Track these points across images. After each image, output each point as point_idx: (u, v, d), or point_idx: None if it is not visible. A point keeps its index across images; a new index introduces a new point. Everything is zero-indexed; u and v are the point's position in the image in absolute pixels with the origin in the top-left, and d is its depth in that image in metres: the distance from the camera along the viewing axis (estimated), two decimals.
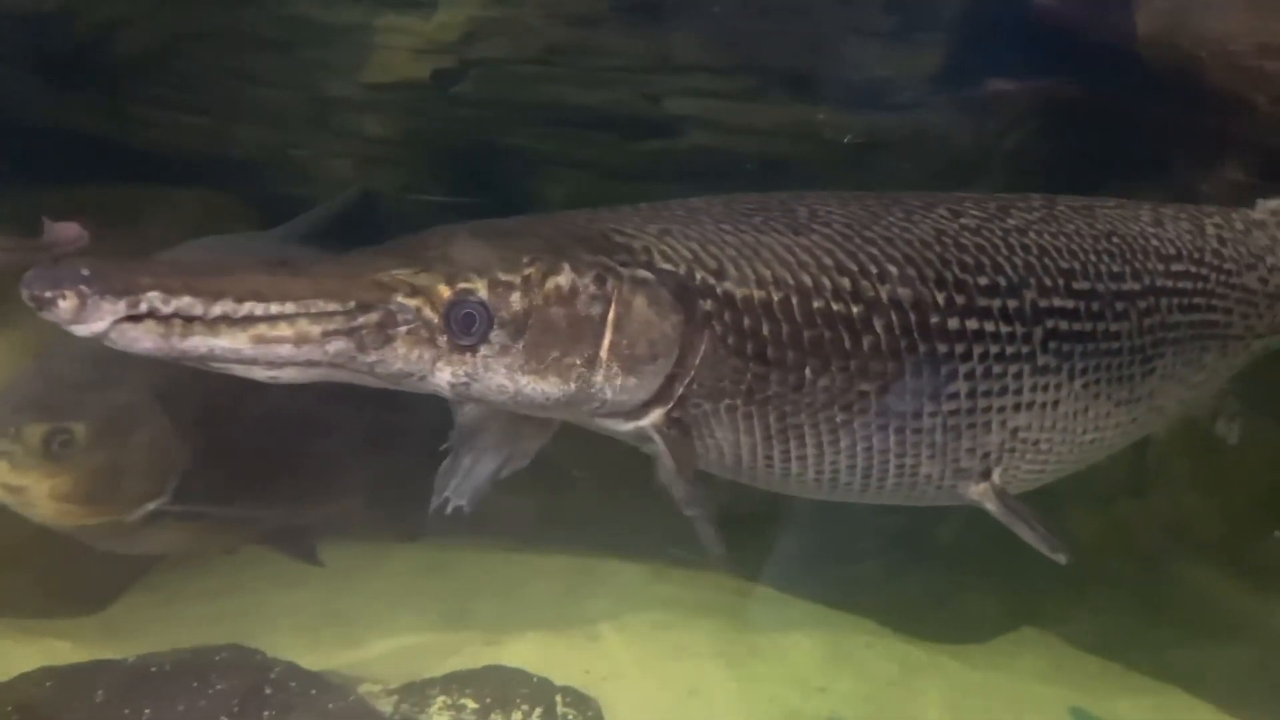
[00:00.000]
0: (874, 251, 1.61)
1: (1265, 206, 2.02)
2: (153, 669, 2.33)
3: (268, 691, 2.28)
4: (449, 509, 1.85)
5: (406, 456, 2.24)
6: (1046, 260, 1.70)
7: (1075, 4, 2.43)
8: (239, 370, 1.36)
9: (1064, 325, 1.68)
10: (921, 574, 2.88)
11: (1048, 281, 1.68)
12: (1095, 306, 1.71)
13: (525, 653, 2.60)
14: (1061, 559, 1.72)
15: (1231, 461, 2.51)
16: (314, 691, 2.31)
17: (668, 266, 1.51)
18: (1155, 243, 1.84)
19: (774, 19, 2.61)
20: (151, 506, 2.21)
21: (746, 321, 1.53)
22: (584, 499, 3.02)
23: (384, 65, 2.89)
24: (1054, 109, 2.60)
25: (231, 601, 2.80)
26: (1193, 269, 1.85)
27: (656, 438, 1.54)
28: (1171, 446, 2.58)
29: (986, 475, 1.70)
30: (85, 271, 1.24)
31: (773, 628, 2.83)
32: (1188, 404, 1.97)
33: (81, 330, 1.26)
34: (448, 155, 2.98)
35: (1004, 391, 1.65)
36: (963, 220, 1.71)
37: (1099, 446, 1.83)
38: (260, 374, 1.37)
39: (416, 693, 2.39)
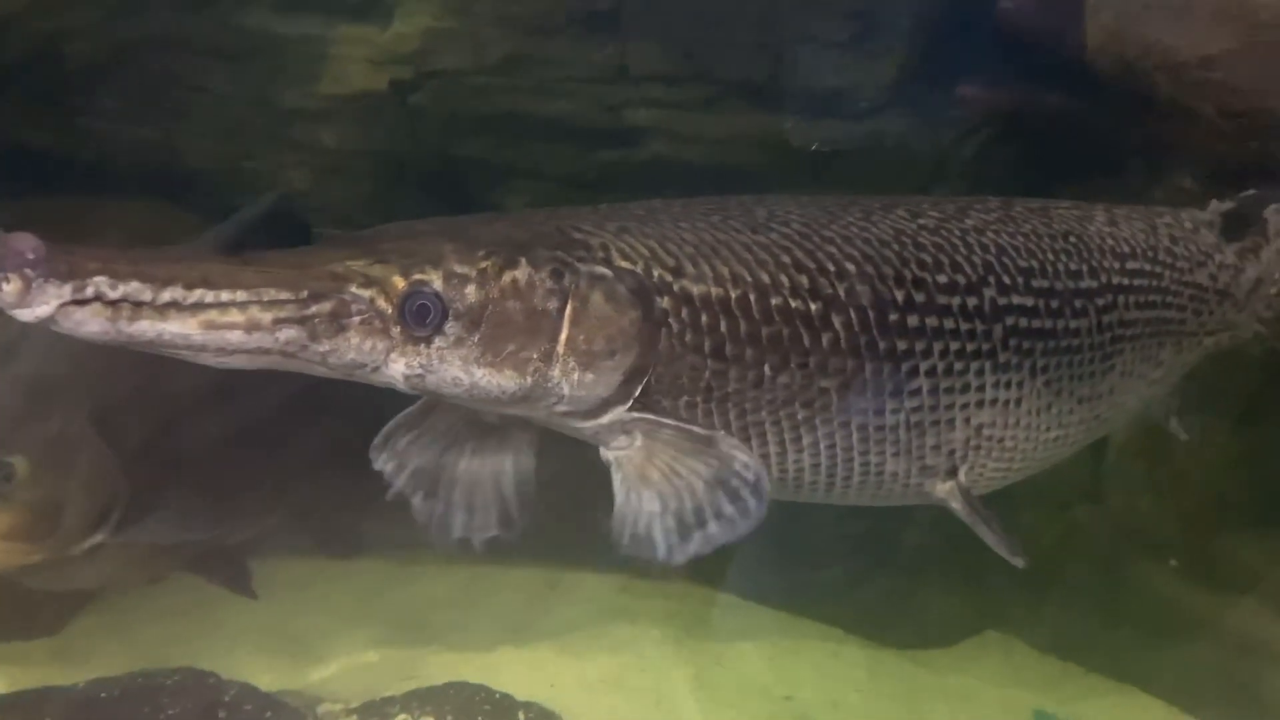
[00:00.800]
0: (832, 250, 1.62)
1: (1216, 208, 2.06)
2: (103, 694, 2.28)
3: (221, 715, 2.25)
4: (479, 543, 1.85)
5: (336, 472, 2.20)
6: (1005, 259, 1.72)
7: (1030, 15, 2.46)
8: (187, 356, 1.34)
9: (1024, 323, 1.70)
10: (885, 580, 2.89)
11: (1006, 280, 1.70)
12: (1054, 304, 1.73)
13: (488, 668, 2.58)
14: (1020, 563, 1.74)
15: (1185, 465, 2.55)
16: (269, 714, 2.27)
17: (625, 264, 1.52)
18: (1111, 242, 1.86)
19: (731, 29, 2.62)
20: (96, 539, 2.10)
21: (704, 318, 1.53)
22: (547, 509, 3.00)
23: (340, 76, 2.87)
24: (1014, 116, 2.63)
25: (187, 622, 2.75)
26: (1147, 267, 1.88)
27: (616, 432, 1.54)
28: (1127, 450, 2.62)
29: (953, 473, 1.72)
30: (30, 255, 1.22)
31: (737, 636, 2.83)
32: (1147, 400, 2.00)
33: (25, 315, 1.24)
34: (405, 166, 2.96)
35: (966, 389, 1.66)
36: (921, 221, 1.72)
37: (1062, 444, 1.85)
38: (209, 360, 1.36)
39: (376, 711, 2.36)
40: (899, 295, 1.61)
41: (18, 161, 2.94)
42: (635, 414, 1.52)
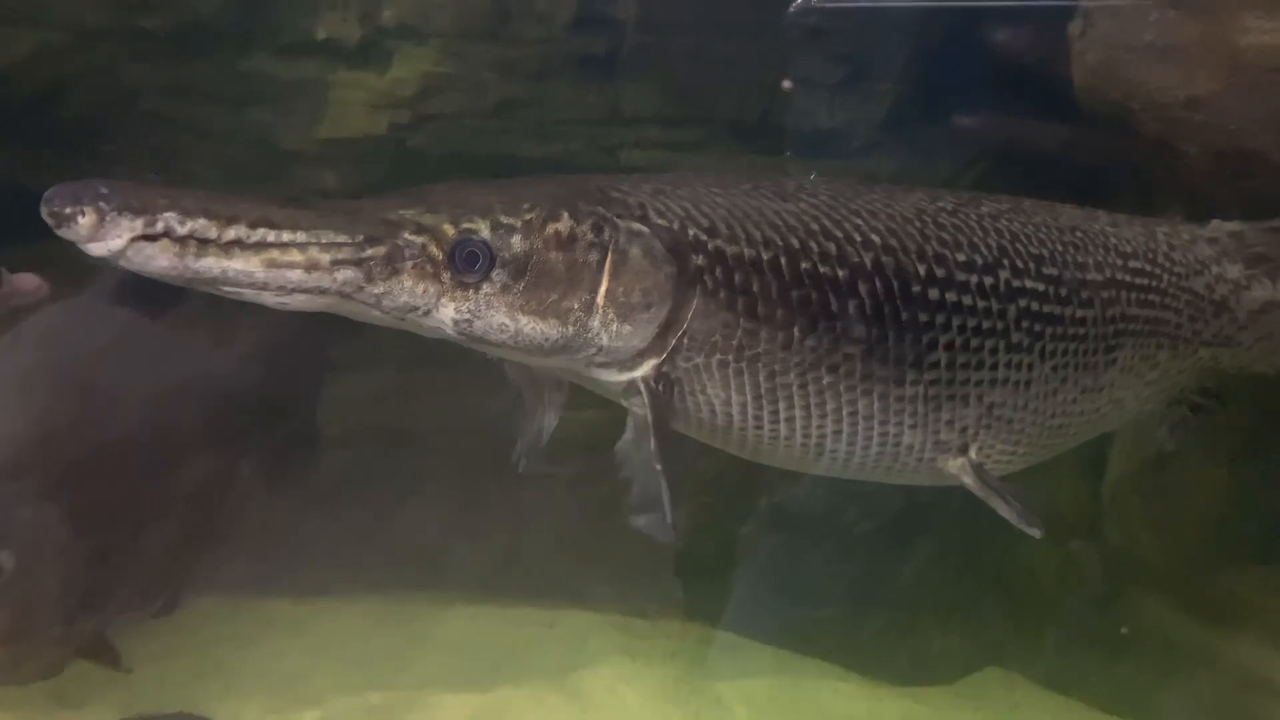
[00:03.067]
0: (858, 222, 1.67)
1: (1220, 226, 2.09)
2: None
3: None
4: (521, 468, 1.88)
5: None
6: (1018, 245, 1.76)
7: (1020, 52, 2.50)
8: (249, 295, 1.39)
9: (1035, 306, 1.74)
10: (883, 617, 2.88)
11: (1020, 264, 1.74)
12: (1063, 292, 1.77)
13: (485, 709, 2.56)
14: (1036, 533, 1.75)
15: (1183, 499, 2.55)
16: None
17: (662, 222, 1.57)
18: (1114, 240, 1.91)
19: (724, 71, 2.67)
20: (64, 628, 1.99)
21: (737, 277, 1.57)
22: (543, 544, 3.00)
23: (340, 120, 2.90)
24: (1009, 147, 2.66)
25: (186, 663, 2.74)
26: (1148, 267, 1.92)
27: (643, 390, 1.57)
28: (1124, 485, 2.62)
29: (964, 450, 1.75)
30: (104, 189, 1.28)
31: (737, 675, 2.81)
32: (1143, 402, 2.02)
33: (98, 248, 1.29)
34: None
35: (980, 365, 1.70)
36: (940, 204, 1.78)
37: (1064, 433, 1.88)
38: (270, 299, 1.40)
39: None
40: (921, 269, 1.65)
41: (19, 205, 2.97)
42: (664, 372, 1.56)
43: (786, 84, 2.66)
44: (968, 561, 2.83)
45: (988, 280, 1.70)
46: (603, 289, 1.52)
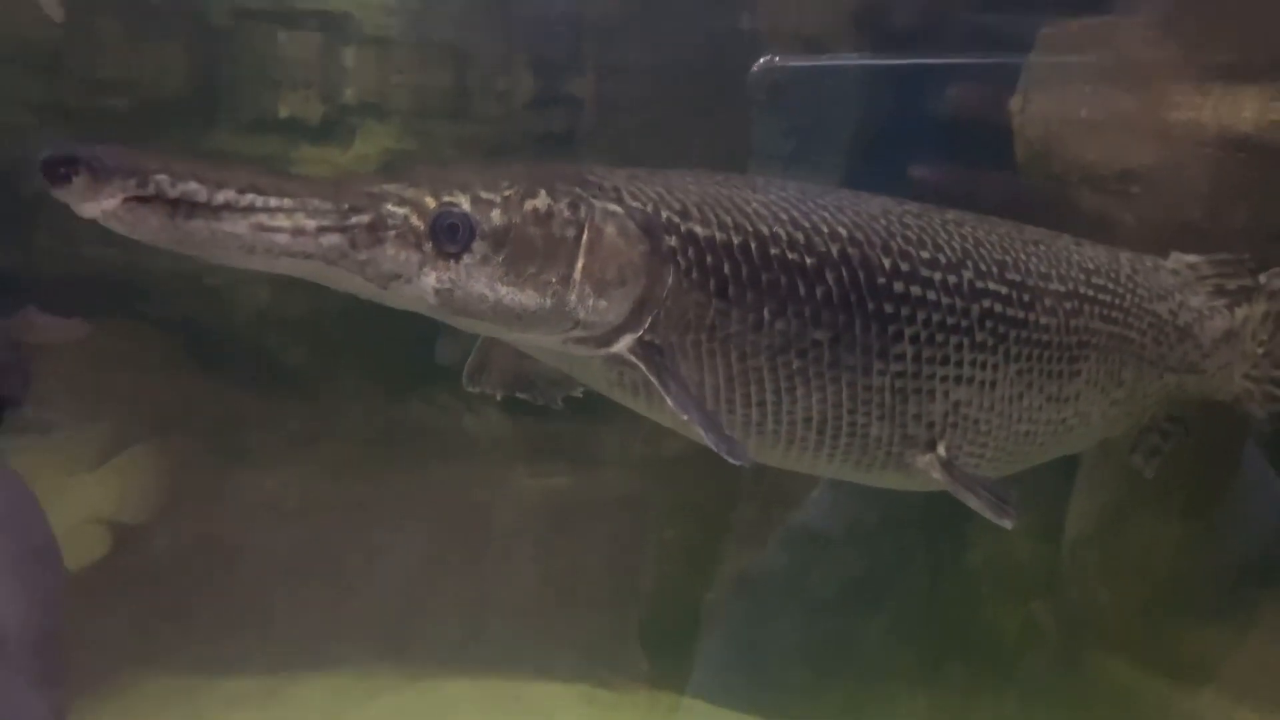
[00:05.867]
0: (826, 215, 1.72)
1: (1180, 259, 2.14)
2: None
3: None
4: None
5: None
6: (982, 250, 1.82)
7: (968, 122, 2.57)
8: (238, 258, 1.42)
9: (999, 308, 1.79)
10: (850, 680, 2.88)
11: (983, 266, 1.79)
12: (1026, 298, 1.82)
13: None
14: (1007, 524, 1.77)
15: (1139, 556, 2.59)
16: None
17: (636, 204, 1.62)
18: (1077, 257, 1.96)
19: (679, 146, 2.73)
20: None
21: (709, 259, 1.62)
22: (508, 615, 2.98)
23: None
24: (965, 202, 2.72)
25: None
26: (1110, 284, 1.97)
27: (631, 358, 1.61)
28: (1081, 542, 2.66)
29: (932, 446, 1.78)
30: (98, 151, 1.31)
31: None
32: (1111, 421, 2.05)
33: (90, 208, 1.32)
34: None
35: (945, 361, 1.74)
36: (906, 207, 1.84)
37: (1032, 442, 1.91)
38: (257, 263, 1.43)
39: None
40: (886, 262, 1.70)
41: None
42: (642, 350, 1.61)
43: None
44: (931, 623, 2.85)
45: (951, 278, 1.75)
46: (579, 264, 1.56)
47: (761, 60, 2.46)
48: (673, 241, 1.61)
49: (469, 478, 3.21)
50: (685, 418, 1.58)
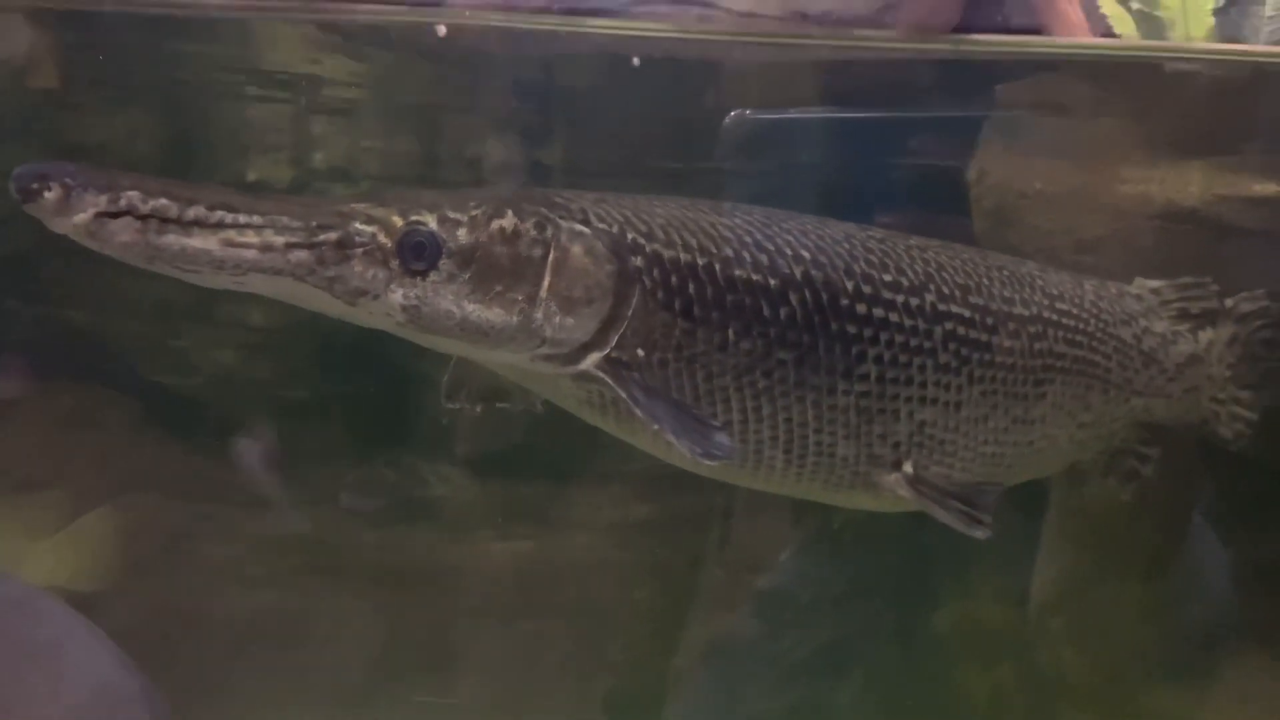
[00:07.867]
0: (790, 239, 1.76)
1: (1143, 284, 2.19)
2: None
3: None
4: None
5: None
6: (944, 274, 1.85)
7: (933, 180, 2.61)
8: (209, 274, 1.45)
9: (962, 330, 1.82)
10: None
11: (945, 290, 1.83)
12: (990, 321, 1.86)
13: None
14: (979, 534, 1.78)
15: (1100, 618, 2.61)
16: None
17: (602, 225, 1.65)
18: (1041, 282, 2.00)
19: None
20: None
21: (674, 279, 1.66)
22: (470, 685, 2.94)
23: None
24: None
25: None
26: (1074, 310, 2.00)
27: (601, 371, 1.63)
28: (1048, 607, 2.68)
29: (898, 466, 1.80)
30: (70, 168, 1.35)
31: None
32: (1078, 444, 2.07)
33: (62, 223, 1.35)
34: (332, 342, 3.00)
35: (909, 382, 1.77)
36: (870, 232, 1.88)
37: (1000, 464, 1.92)
38: (227, 280, 1.46)
39: None
40: (849, 284, 1.74)
41: None
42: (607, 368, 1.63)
43: None
44: (902, 688, 2.84)
45: (914, 300, 1.78)
46: (546, 283, 1.59)
47: (733, 113, 2.51)
48: (639, 262, 1.65)
49: (434, 541, 3.18)
50: (656, 426, 1.59)
